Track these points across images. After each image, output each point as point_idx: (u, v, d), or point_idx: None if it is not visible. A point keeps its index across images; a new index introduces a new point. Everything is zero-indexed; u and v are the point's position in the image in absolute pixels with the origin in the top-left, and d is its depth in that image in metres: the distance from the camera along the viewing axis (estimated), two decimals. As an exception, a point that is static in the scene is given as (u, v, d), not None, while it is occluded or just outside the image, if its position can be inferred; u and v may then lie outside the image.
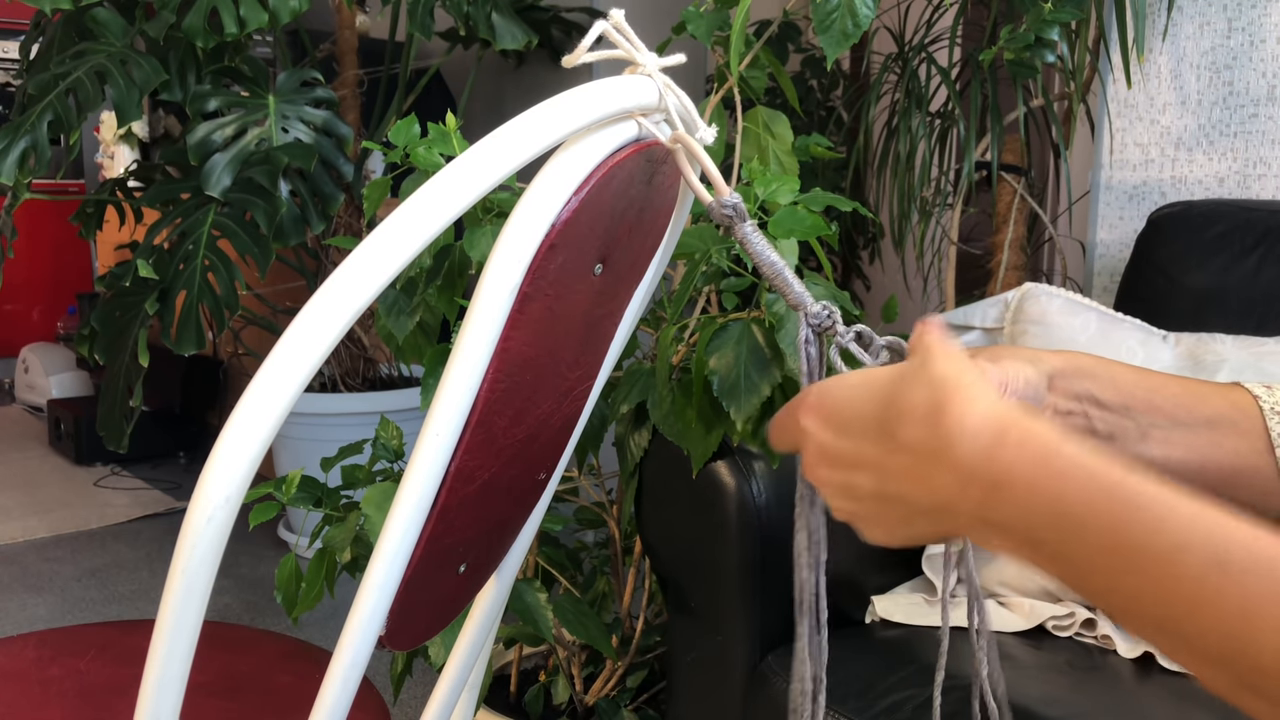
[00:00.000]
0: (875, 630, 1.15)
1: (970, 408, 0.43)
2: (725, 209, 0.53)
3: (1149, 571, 0.38)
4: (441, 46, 2.65)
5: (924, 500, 0.44)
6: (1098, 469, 0.40)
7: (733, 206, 0.53)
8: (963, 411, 0.43)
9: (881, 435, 0.45)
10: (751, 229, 0.54)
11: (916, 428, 0.44)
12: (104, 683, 0.86)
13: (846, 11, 1.12)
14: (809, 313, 0.54)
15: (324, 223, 2.03)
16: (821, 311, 0.54)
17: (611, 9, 0.53)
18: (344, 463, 1.23)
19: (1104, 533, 0.39)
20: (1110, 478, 0.39)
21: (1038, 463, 0.41)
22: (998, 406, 0.43)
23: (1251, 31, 1.50)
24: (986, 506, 0.42)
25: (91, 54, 1.85)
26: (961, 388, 0.43)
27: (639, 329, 1.29)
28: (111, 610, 2.26)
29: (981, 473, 0.42)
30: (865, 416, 0.46)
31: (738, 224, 0.53)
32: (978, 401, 0.43)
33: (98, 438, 2.08)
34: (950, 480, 0.43)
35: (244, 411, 0.42)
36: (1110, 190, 1.64)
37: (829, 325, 0.54)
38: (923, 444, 0.43)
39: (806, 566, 0.55)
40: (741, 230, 0.53)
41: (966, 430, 0.42)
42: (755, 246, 0.53)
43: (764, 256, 0.53)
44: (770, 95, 2.14)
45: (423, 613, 0.57)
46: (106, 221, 2.39)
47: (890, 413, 0.45)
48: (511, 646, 1.49)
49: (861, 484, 0.46)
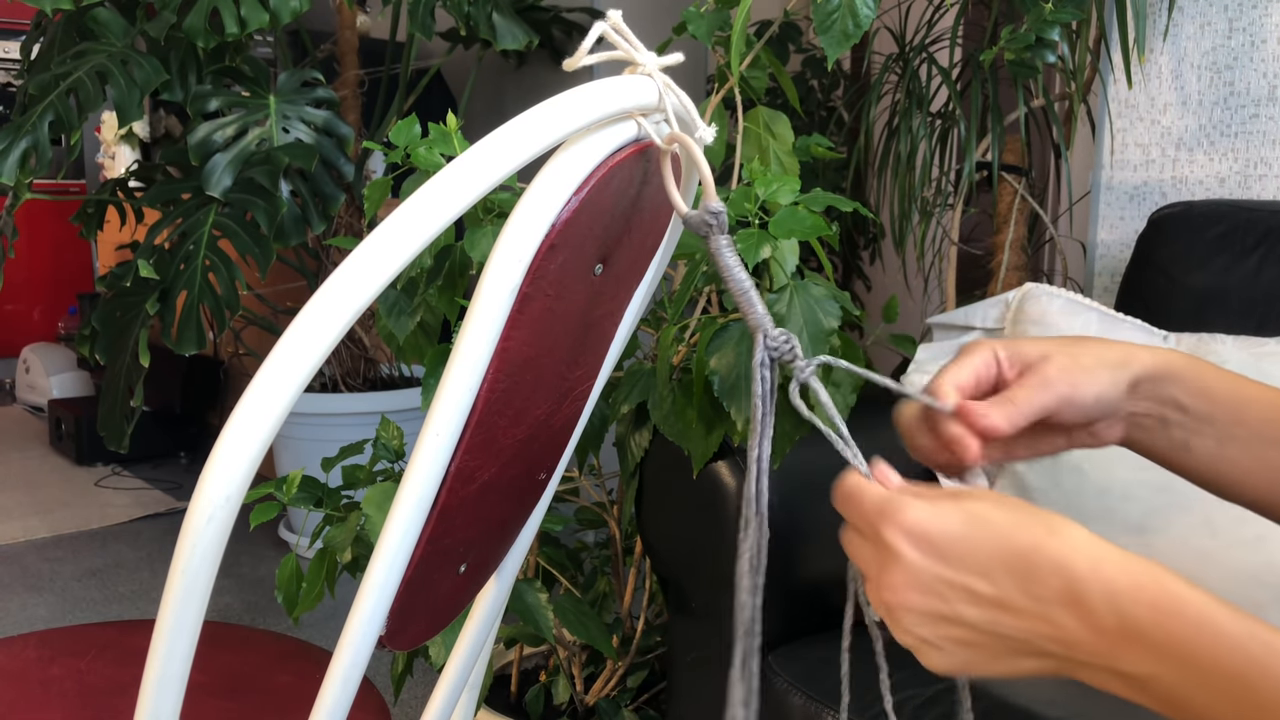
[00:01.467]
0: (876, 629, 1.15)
1: (1103, 567, 0.44)
2: (709, 216, 0.52)
3: None
4: (442, 47, 2.65)
5: (1044, 645, 0.45)
6: (1226, 623, 0.42)
7: (715, 215, 0.52)
8: (1096, 570, 0.44)
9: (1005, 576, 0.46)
10: (725, 243, 0.52)
11: (1049, 579, 0.45)
12: (104, 683, 0.86)
13: (847, 12, 1.12)
14: (768, 336, 0.53)
15: (325, 223, 2.03)
16: (780, 338, 0.53)
17: (610, 9, 0.53)
18: (344, 463, 1.23)
19: (1231, 683, 0.41)
20: (1238, 631, 0.42)
21: (1170, 616, 0.43)
22: (1130, 563, 0.45)
23: (1252, 32, 1.50)
24: (1115, 658, 0.44)
25: (92, 54, 1.85)
26: (1091, 544, 0.45)
27: (639, 329, 1.29)
28: (112, 610, 2.26)
29: (1115, 628, 0.43)
30: (982, 554, 0.46)
31: (714, 235, 0.52)
32: (1107, 562, 0.45)
33: (98, 438, 2.08)
34: (1081, 632, 0.44)
35: (244, 412, 0.42)
36: (1111, 190, 1.64)
37: (787, 352, 0.53)
38: (1056, 594, 0.45)
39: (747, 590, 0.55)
40: (715, 242, 0.52)
41: (1102, 589, 0.44)
42: (724, 260, 0.53)
43: (731, 272, 0.52)
44: (771, 95, 2.14)
45: (423, 613, 0.57)
46: (107, 221, 2.39)
47: (1017, 560, 0.46)
48: (512, 646, 1.49)
49: (966, 616, 0.47)
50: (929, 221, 1.80)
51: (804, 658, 1.07)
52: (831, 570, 1.19)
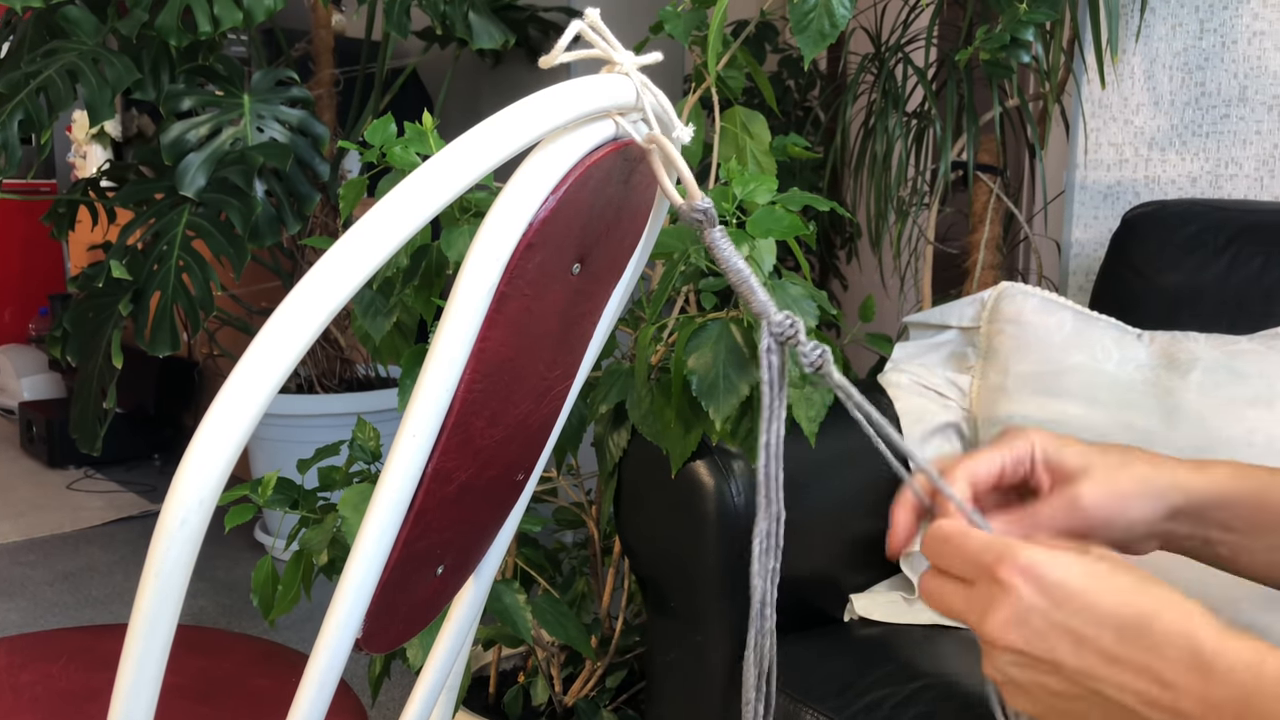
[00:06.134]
0: (854, 628, 1.15)
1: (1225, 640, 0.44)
2: (696, 213, 0.53)
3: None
4: (418, 46, 2.64)
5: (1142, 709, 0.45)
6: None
7: (703, 211, 0.53)
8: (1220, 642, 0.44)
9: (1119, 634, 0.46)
10: (720, 234, 0.53)
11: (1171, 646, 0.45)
12: (77, 688, 0.85)
13: (823, 11, 1.13)
14: (772, 321, 0.53)
15: (300, 223, 2.01)
16: (784, 321, 0.53)
17: (588, 8, 0.53)
18: (321, 464, 1.22)
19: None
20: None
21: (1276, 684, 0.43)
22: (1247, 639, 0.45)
23: (1223, 33, 1.51)
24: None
25: (63, 52, 1.83)
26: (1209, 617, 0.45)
27: (618, 329, 1.29)
28: (85, 615, 2.23)
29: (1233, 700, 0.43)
30: (1101, 609, 0.46)
31: (706, 229, 0.53)
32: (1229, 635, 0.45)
33: (70, 440, 2.06)
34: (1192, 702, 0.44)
35: (218, 413, 0.41)
36: (1085, 190, 1.66)
37: (792, 335, 0.53)
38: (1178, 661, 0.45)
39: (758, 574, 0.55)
40: (710, 235, 0.53)
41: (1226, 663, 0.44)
42: (723, 252, 0.53)
43: (730, 263, 0.53)
44: (748, 95, 2.14)
45: (400, 615, 0.57)
46: (79, 222, 2.37)
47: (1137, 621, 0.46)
48: (490, 648, 1.49)
49: (1065, 664, 0.46)
50: (905, 221, 1.81)
51: (782, 656, 1.07)
52: (808, 569, 1.19)
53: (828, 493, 1.16)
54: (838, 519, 1.18)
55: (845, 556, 1.20)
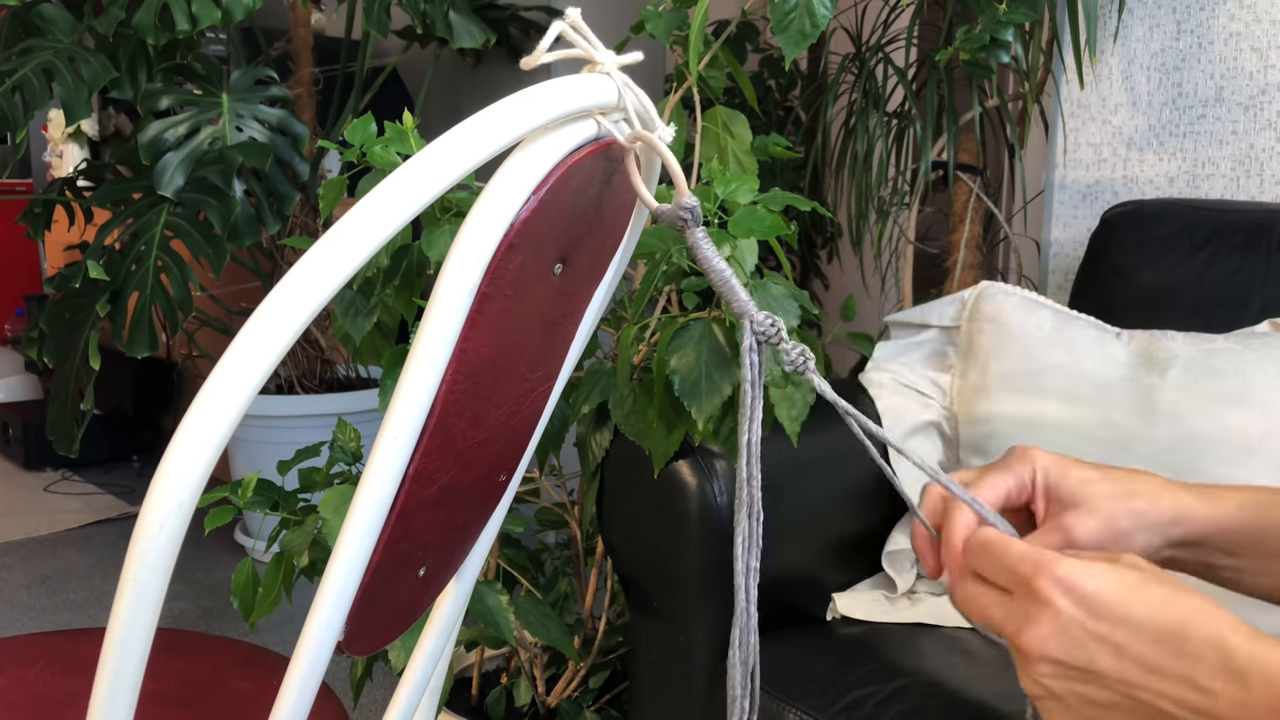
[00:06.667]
0: (836, 627, 1.16)
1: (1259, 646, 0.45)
2: (683, 211, 0.53)
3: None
4: (398, 45, 2.63)
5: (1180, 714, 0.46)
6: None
7: (690, 210, 0.53)
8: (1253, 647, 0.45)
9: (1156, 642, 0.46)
10: (702, 235, 0.53)
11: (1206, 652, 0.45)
12: (54, 693, 0.84)
13: (804, 11, 1.13)
14: (754, 321, 0.54)
15: (279, 223, 2.00)
16: (765, 321, 0.54)
17: (569, 8, 0.52)
18: (301, 465, 1.21)
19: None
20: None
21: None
22: None
23: (1200, 34, 1.53)
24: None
25: (38, 51, 1.81)
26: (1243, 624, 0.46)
27: (600, 329, 1.29)
28: (62, 618, 2.21)
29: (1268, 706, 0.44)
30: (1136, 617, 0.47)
31: (690, 229, 0.53)
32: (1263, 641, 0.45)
33: (47, 442, 2.04)
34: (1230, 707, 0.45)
35: (197, 415, 0.41)
36: (1064, 189, 1.67)
37: (773, 334, 0.54)
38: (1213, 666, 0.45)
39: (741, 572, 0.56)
40: (692, 235, 0.53)
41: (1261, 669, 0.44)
42: (704, 252, 0.53)
43: (712, 263, 0.53)
44: (729, 95, 2.15)
45: (382, 617, 0.57)
46: (55, 222, 2.34)
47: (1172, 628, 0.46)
48: (473, 649, 1.48)
49: (1105, 672, 0.47)
50: (886, 220, 1.82)
51: (765, 655, 1.08)
52: (790, 568, 1.20)
53: (810, 492, 1.17)
54: (820, 518, 1.18)
55: (827, 555, 1.20)
